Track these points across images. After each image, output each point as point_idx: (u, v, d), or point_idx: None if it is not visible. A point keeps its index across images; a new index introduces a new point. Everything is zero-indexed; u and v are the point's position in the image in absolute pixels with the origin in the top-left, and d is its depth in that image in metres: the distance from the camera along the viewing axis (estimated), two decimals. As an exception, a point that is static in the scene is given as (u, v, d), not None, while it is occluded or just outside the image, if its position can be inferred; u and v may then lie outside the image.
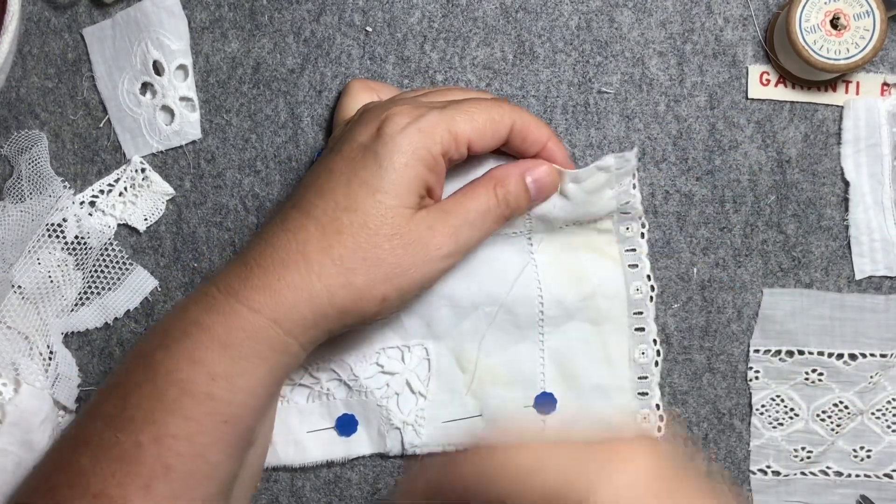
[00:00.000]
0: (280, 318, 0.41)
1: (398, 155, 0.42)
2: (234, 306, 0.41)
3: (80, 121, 0.53)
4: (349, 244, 0.42)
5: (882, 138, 0.51)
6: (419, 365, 0.51)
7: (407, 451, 0.51)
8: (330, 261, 0.41)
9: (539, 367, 0.51)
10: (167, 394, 0.40)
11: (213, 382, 0.40)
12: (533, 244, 0.50)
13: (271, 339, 0.41)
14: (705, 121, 0.52)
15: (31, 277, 0.50)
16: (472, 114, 0.44)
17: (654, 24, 0.51)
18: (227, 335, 0.40)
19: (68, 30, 0.52)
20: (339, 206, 0.42)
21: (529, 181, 0.46)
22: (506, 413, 0.51)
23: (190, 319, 0.41)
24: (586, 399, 0.51)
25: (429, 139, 0.43)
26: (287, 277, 0.41)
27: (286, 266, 0.41)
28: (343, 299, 0.42)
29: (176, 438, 0.40)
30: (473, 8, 0.52)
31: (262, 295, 0.41)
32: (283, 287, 0.41)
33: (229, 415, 0.41)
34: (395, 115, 0.43)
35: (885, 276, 0.51)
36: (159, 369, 0.40)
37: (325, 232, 0.42)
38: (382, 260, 0.42)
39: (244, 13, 0.52)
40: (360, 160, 0.43)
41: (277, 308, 0.41)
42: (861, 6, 0.48)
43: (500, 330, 0.51)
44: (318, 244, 0.41)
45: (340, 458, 0.51)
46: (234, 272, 0.42)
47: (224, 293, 0.41)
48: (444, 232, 0.44)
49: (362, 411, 0.51)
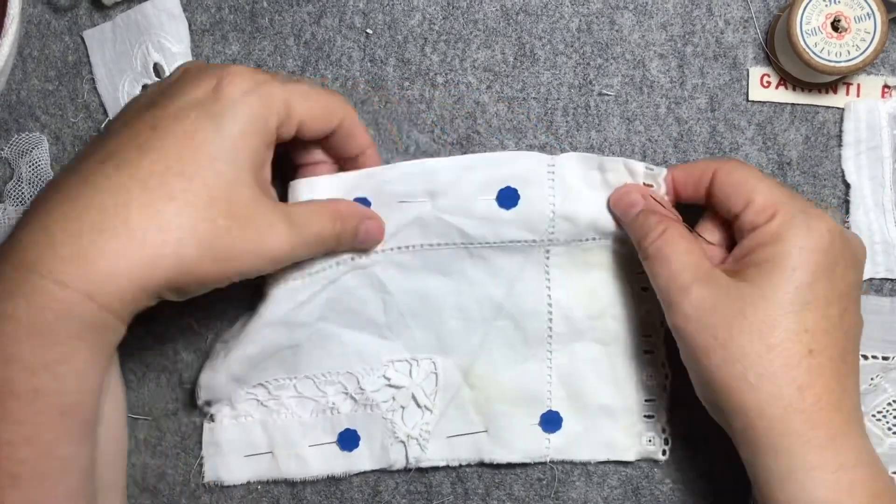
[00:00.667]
0: (94, 291, 0.36)
1: (239, 123, 0.39)
2: (35, 283, 0.35)
3: (80, 123, 0.53)
4: (182, 212, 0.37)
5: (883, 140, 0.51)
6: (426, 379, 0.51)
7: (410, 466, 0.51)
8: (156, 228, 0.36)
9: (546, 386, 0.51)
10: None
11: (34, 376, 0.35)
12: (550, 257, 0.50)
13: (84, 316, 0.36)
14: (706, 123, 0.52)
15: (31, 280, 0.50)
16: (309, 95, 0.43)
17: (655, 26, 0.51)
18: (33, 320, 0.35)
19: (69, 32, 0.52)
20: (171, 170, 0.37)
21: (363, 229, 0.46)
22: (511, 430, 0.51)
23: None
24: (592, 419, 0.51)
25: (267, 109, 0.40)
26: (101, 243, 0.36)
27: (101, 231, 0.36)
28: (165, 272, 0.37)
29: (13, 445, 0.35)
30: (474, 10, 0.52)
31: (71, 265, 0.35)
32: (96, 254, 0.35)
33: (63, 405, 0.36)
34: (236, 76, 0.40)
35: (885, 279, 0.51)
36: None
37: (154, 196, 0.36)
38: (215, 238, 0.38)
39: (245, 15, 0.52)
40: (192, 120, 0.38)
41: (91, 279, 0.35)
42: (862, 8, 0.48)
43: (509, 347, 0.51)
44: (142, 209, 0.36)
45: (341, 473, 0.51)
46: (29, 241, 0.36)
47: (21, 270, 0.35)
48: (283, 238, 0.41)
49: (366, 425, 0.51)
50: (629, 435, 0.51)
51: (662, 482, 0.52)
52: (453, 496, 0.52)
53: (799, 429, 0.40)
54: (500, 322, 0.51)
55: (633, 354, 0.51)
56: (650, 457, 0.51)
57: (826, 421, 0.40)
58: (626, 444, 0.51)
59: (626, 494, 0.52)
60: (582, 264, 0.50)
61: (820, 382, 0.41)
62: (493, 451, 0.51)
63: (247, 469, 0.51)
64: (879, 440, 0.51)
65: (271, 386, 0.50)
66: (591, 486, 0.52)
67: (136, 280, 0.36)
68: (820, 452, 0.40)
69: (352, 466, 0.51)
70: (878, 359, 0.51)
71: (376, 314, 0.50)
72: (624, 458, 0.51)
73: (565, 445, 0.51)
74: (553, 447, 0.51)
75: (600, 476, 0.52)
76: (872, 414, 0.51)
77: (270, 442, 0.51)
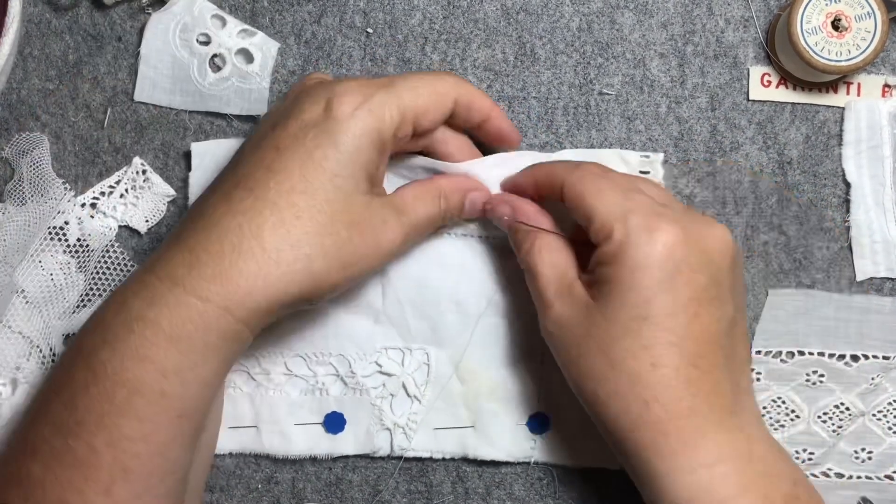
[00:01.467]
0: (233, 307, 0.39)
1: (352, 138, 0.41)
2: (180, 297, 0.38)
3: (81, 122, 0.53)
4: (309, 230, 0.40)
5: (883, 140, 0.51)
6: (418, 369, 0.51)
7: (395, 454, 0.51)
8: (288, 247, 0.40)
9: (536, 388, 0.51)
10: (116, 395, 0.38)
11: (165, 380, 0.38)
12: None
13: (222, 328, 0.39)
14: (706, 122, 0.52)
15: (34, 281, 0.50)
16: (416, 89, 0.44)
17: (656, 25, 0.51)
18: (174, 328, 0.38)
19: (69, 31, 0.52)
20: (296, 189, 0.40)
21: (468, 201, 0.47)
22: (498, 428, 0.51)
23: (133, 314, 0.39)
24: (580, 425, 0.51)
25: (379, 121, 0.42)
26: (240, 264, 0.39)
27: (240, 252, 0.39)
28: (299, 286, 0.40)
29: (132, 440, 0.38)
30: (474, 9, 0.52)
31: (214, 284, 0.39)
32: (236, 274, 0.39)
33: (183, 409, 0.40)
34: (344, 94, 0.42)
35: (886, 278, 0.51)
36: (105, 369, 0.38)
37: (283, 216, 0.40)
38: (340, 247, 0.41)
39: (245, 15, 0.52)
40: (311, 140, 0.41)
41: (230, 297, 0.39)
42: (862, 7, 0.48)
43: (503, 345, 0.51)
44: (274, 229, 0.39)
45: (324, 455, 0.51)
46: (177, 259, 0.40)
47: (168, 283, 0.39)
48: (396, 229, 0.43)
49: (354, 410, 0.51)
50: None
51: (663, 481, 0.52)
52: (454, 496, 0.53)
53: (648, 440, 0.41)
54: (496, 319, 0.51)
55: None
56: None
57: (676, 429, 0.41)
58: (611, 453, 0.51)
59: (625, 494, 0.52)
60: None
61: (666, 394, 0.41)
62: (478, 448, 0.51)
63: (230, 441, 0.51)
64: (880, 439, 0.51)
65: (263, 359, 0.51)
66: (592, 485, 0.52)
67: (272, 296, 0.40)
68: (673, 458, 0.41)
69: (335, 449, 0.51)
70: (878, 358, 0.51)
71: (374, 298, 0.50)
72: (608, 466, 0.51)
73: (551, 448, 0.51)
74: (539, 449, 0.51)
75: (601, 476, 0.52)
76: (873, 414, 0.51)
77: (256, 416, 0.51)
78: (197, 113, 0.52)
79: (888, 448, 0.51)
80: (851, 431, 0.51)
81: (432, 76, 0.45)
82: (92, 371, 0.39)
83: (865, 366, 0.51)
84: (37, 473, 0.39)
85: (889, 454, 0.51)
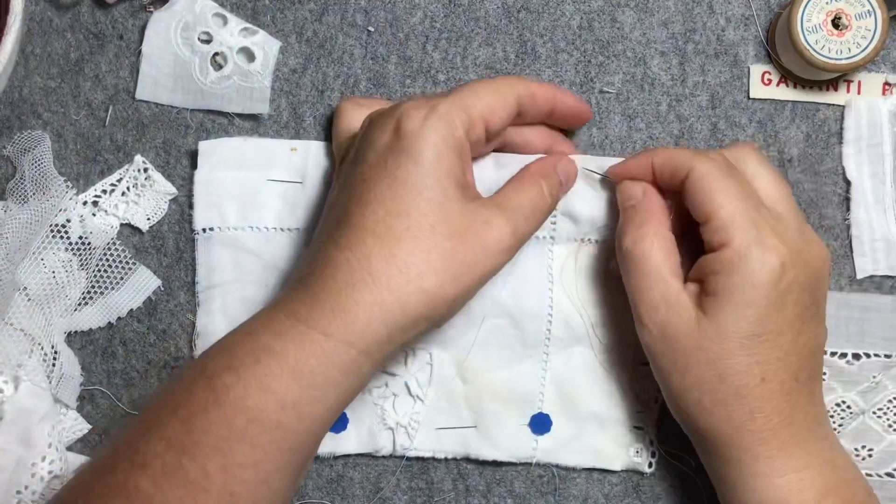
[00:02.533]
0: (355, 340, 0.40)
1: (428, 148, 0.41)
2: (304, 332, 0.39)
3: (82, 121, 0.53)
4: (412, 249, 0.40)
5: (884, 138, 0.51)
6: (421, 370, 0.51)
7: (397, 453, 0.51)
8: (397, 271, 0.40)
9: (539, 388, 0.51)
10: (235, 421, 0.39)
11: (283, 412, 0.39)
12: (553, 259, 0.50)
13: (345, 362, 0.40)
14: (707, 120, 0.52)
15: (36, 278, 0.50)
16: (478, 92, 0.44)
17: (656, 23, 0.52)
18: (299, 362, 0.39)
19: (71, 30, 0.53)
20: (391, 213, 0.41)
21: (561, 173, 0.47)
22: (500, 428, 0.51)
23: (260, 345, 0.40)
24: (581, 426, 0.51)
25: (450, 125, 0.42)
26: (356, 296, 0.40)
27: (353, 285, 0.40)
28: (415, 307, 0.40)
29: (243, 467, 0.39)
30: (475, 8, 0.52)
31: (334, 318, 0.39)
32: (353, 306, 0.39)
33: (296, 442, 0.40)
34: (409, 111, 0.42)
35: (886, 276, 0.51)
36: (228, 395, 0.39)
37: (384, 242, 0.40)
38: (447, 260, 0.41)
39: (247, 13, 0.52)
40: (392, 162, 0.42)
41: (351, 329, 0.40)
42: (862, 6, 0.48)
43: (506, 346, 0.51)
44: (380, 256, 0.40)
45: (327, 453, 0.52)
46: (297, 298, 0.41)
47: (292, 319, 0.40)
48: (502, 227, 0.43)
49: (356, 409, 0.51)
50: (617, 445, 0.51)
51: (663, 479, 0.52)
52: (454, 493, 0.53)
53: (749, 445, 0.44)
54: (500, 320, 0.51)
55: (629, 365, 0.51)
56: (636, 468, 0.52)
57: (774, 436, 0.43)
58: (612, 454, 0.51)
59: (626, 491, 0.52)
60: (585, 270, 0.50)
61: (770, 406, 0.43)
62: (479, 448, 0.51)
63: None
64: (880, 437, 0.51)
65: None
66: (592, 482, 0.52)
67: (390, 322, 0.40)
68: (768, 463, 0.43)
69: (337, 448, 0.52)
70: (879, 357, 0.51)
71: None
72: (610, 468, 0.51)
73: (552, 449, 0.51)
74: (540, 449, 0.51)
75: (601, 472, 0.52)
76: (873, 411, 0.51)
77: None
78: (198, 111, 0.52)
79: (888, 446, 0.51)
80: (852, 429, 0.51)
81: (491, 79, 0.45)
82: (214, 394, 0.39)
83: (867, 364, 0.51)
84: (146, 488, 0.39)
85: (889, 452, 0.51)
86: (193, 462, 0.39)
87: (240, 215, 0.51)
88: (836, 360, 0.51)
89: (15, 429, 0.48)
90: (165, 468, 0.39)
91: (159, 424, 0.40)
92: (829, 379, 0.51)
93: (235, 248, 0.51)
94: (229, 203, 0.51)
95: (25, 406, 0.48)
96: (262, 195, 0.51)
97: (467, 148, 0.43)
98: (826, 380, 0.51)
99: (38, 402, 0.49)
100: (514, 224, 0.43)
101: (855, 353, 0.51)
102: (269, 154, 0.51)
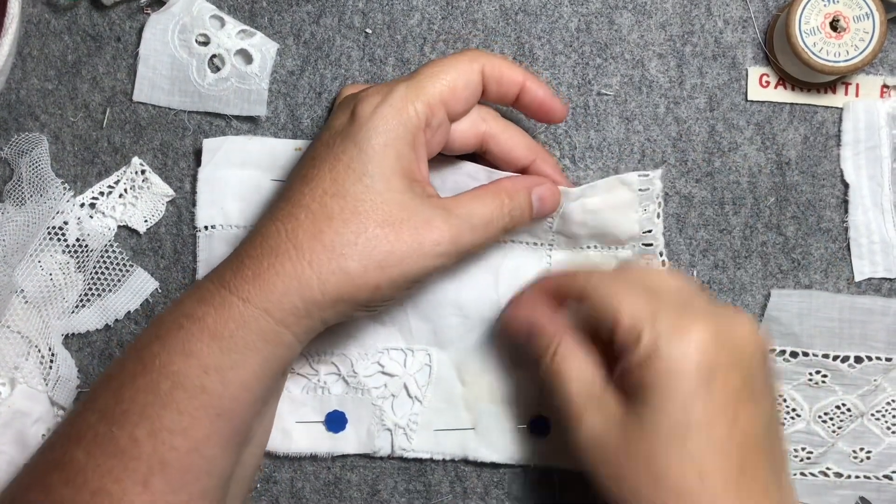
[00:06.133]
0: (270, 308, 0.40)
1: (376, 136, 0.41)
2: (225, 297, 0.40)
3: (80, 122, 0.53)
4: (340, 229, 0.41)
5: (881, 140, 0.51)
6: (420, 371, 0.51)
7: (395, 454, 0.51)
8: (321, 247, 0.40)
9: (537, 390, 0.51)
10: (160, 386, 0.40)
11: (206, 375, 0.40)
12: (552, 262, 0.50)
13: (262, 329, 0.40)
14: (705, 123, 0.52)
15: (33, 281, 0.50)
16: (437, 74, 0.43)
17: (654, 26, 0.52)
18: (217, 326, 0.40)
19: (68, 31, 0.53)
20: (328, 192, 0.41)
21: (535, 197, 0.46)
22: (498, 430, 0.51)
23: (183, 311, 0.41)
24: None
25: (403, 114, 0.42)
26: (277, 265, 0.40)
27: (276, 254, 0.40)
28: (335, 286, 0.41)
29: (171, 433, 0.39)
30: (473, 10, 0.52)
31: (252, 284, 0.40)
32: (272, 275, 0.40)
33: (222, 408, 0.40)
34: (366, 97, 0.43)
35: (884, 279, 0.51)
36: (154, 362, 0.40)
37: (316, 218, 0.41)
38: (375, 247, 0.41)
39: (244, 15, 0.52)
40: (339, 145, 0.42)
41: (267, 297, 0.40)
42: (861, 8, 0.48)
43: (505, 348, 0.51)
44: (308, 231, 0.41)
45: (325, 453, 0.52)
46: (227, 265, 0.42)
47: (216, 285, 0.41)
48: (443, 229, 0.42)
49: (355, 409, 0.51)
50: None
51: (661, 481, 0.52)
52: (452, 495, 0.53)
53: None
54: (500, 322, 0.51)
55: None
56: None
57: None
58: None
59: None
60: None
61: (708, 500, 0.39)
62: (478, 450, 0.51)
63: None
64: (878, 439, 0.51)
65: None
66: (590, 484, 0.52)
67: (308, 297, 0.40)
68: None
69: (336, 448, 0.52)
70: (881, 360, 0.51)
71: None
72: None
73: (551, 452, 0.51)
74: (538, 452, 0.51)
75: (599, 475, 0.52)
76: (872, 413, 0.51)
77: None
78: (196, 113, 0.52)
79: (887, 448, 0.51)
80: (850, 431, 0.51)
81: (453, 56, 0.44)
82: (142, 363, 0.40)
83: (868, 367, 0.51)
84: (79, 459, 0.40)
85: (887, 454, 0.51)
86: (122, 430, 0.39)
87: (242, 214, 0.51)
88: (837, 363, 0.51)
89: (10, 431, 0.48)
90: (97, 438, 0.40)
91: (93, 398, 0.41)
92: (830, 381, 0.51)
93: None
94: (232, 201, 0.51)
95: (20, 408, 0.48)
96: (265, 194, 0.51)
97: (422, 140, 0.43)
98: (827, 382, 0.51)
99: (33, 404, 0.49)
100: (458, 231, 0.42)
101: (857, 357, 0.51)
102: (272, 153, 0.51)
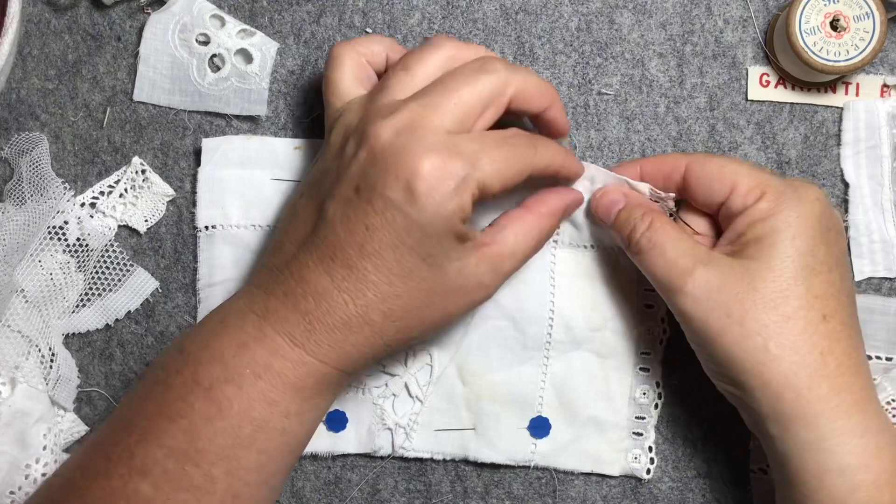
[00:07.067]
0: (346, 368, 0.43)
1: (440, 221, 0.40)
2: (303, 358, 0.42)
3: (80, 122, 0.53)
4: (409, 307, 0.42)
5: (882, 140, 0.51)
6: (421, 370, 0.51)
7: (395, 454, 0.51)
8: (391, 324, 0.42)
9: (538, 391, 0.51)
10: (241, 431, 0.41)
11: (286, 419, 0.42)
12: (556, 263, 0.50)
13: (339, 382, 0.44)
14: (705, 122, 0.52)
15: (33, 280, 0.50)
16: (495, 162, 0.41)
17: (654, 25, 0.51)
18: (299, 380, 0.42)
19: (68, 31, 0.53)
20: (393, 272, 0.41)
21: (569, 210, 0.48)
22: (498, 431, 0.51)
23: (259, 363, 0.42)
24: (580, 430, 0.51)
25: (464, 199, 0.41)
26: (352, 338, 0.42)
27: (350, 329, 0.42)
28: (398, 347, 0.44)
29: (248, 470, 0.42)
30: (473, 9, 0.52)
31: (330, 352, 0.42)
32: (349, 346, 0.42)
33: (296, 444, 0.44)
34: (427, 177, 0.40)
35: (884, 278, 0.51)
36: (232, 407, 0.41)
37: (385, 298, 0.42)
38: (438, 317, 0.43)
39: (244, 14, 0.52)
40: (400, 224, 0.40)
41: (344, 362, 0.43)
42: (861, 8, 0.48)
43: (507, 348, 0.51)
44: (378, 309, 0.42)
45: (325, 452, 0.52)
46: (294, 322, 0.42)
47: (289, 343, 0.42)
48: (491, 286, 0.44)
49: (356, 408, 0.51)
50: (615, 450, 0.51)
51: (661, 480, 0.52)
52: (452, 495, 0.53)
53: (826, 394, 0.42)
54: (501, 322, 0.51)
55: (629, 370, 0.51)
56: (634, 474, 0.51)
57: (849, 385, 0.42)
58: (611, 459, 0.51)
59: (624, 493, 0.52)
60: (587, 275, 0.50)
61: (838, 347, 0.42)
62: (478, 450, 0.51)
63: None
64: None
65: None
66: (591, 484, 0.52)
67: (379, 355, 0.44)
68: (847, 417, 0.41)
69: (336, 447, 0.52)
70: (881, 359, 0.51)
71: None
72: (608, 472, 0.51)
73: (551, 452, 0.51)
74: (539, 453, 0.51)
75: (599, 475, 0.52)
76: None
77: None
78: (196, 113, 0.52)
79: (886, 447, 0.51)
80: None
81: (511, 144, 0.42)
82: (217, 406, 0.41)
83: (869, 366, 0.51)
84: (146, 492, 0.40)
85: (887, 454, 0.51)
86: (198, 468, 0.41)
87: (243, 214, 0.51)
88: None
89: (10, 430, 0.48)
90: (167, 474, 0.41)
91: (157, 432, 0.41)
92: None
93: (237, 247, 0.51)
94: (232, 201, 0.51)
95: (21, 408, 0.48)
96: (265, 194, 0.51)
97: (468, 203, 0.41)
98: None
99: (33, 404, 0.49)
100: (504, 276, 0.44)
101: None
102: (273, 152, 0.51)
